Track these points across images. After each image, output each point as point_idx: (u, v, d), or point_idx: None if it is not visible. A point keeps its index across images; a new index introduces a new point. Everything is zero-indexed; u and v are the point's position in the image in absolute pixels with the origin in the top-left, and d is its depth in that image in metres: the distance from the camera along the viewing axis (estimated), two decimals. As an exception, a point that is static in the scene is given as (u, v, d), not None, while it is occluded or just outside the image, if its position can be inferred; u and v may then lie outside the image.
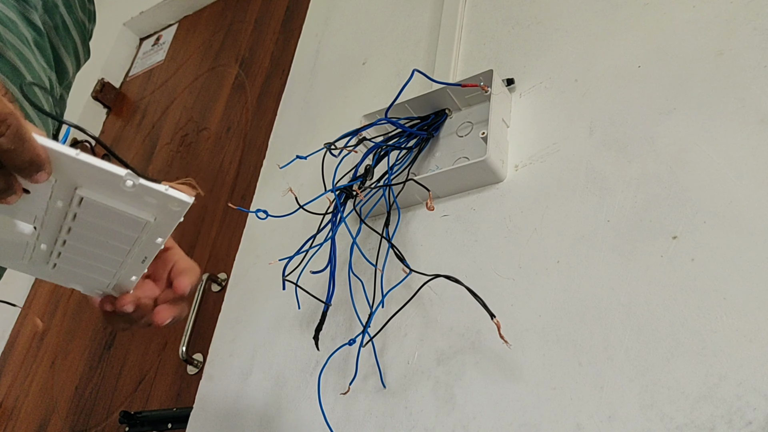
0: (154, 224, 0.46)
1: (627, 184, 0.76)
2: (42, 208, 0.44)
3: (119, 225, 0.46)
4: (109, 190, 0.43)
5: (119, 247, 0.48)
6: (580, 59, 0.91)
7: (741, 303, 0.62)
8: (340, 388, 0.84)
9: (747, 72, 0.75)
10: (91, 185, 0.43)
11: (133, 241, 0.48)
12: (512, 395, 0.70)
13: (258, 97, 1.58)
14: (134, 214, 0.45)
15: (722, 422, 0.58)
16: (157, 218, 0.45)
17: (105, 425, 1.31)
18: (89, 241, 0.47)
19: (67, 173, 0.42)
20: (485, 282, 0.80)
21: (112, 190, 0.43)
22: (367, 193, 0.92)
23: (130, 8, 2.11)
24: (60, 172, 0.41)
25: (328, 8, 1.43)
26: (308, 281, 0.91)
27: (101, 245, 0.48)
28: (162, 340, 1.34)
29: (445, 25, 1.12)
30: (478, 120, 0.93)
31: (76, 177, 0.42)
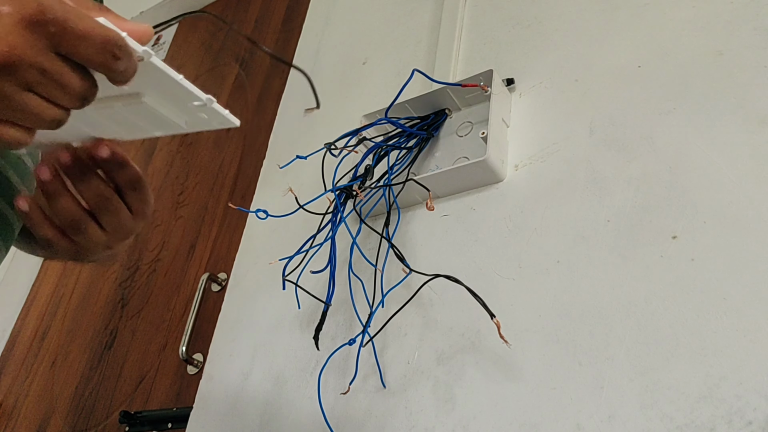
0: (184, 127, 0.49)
1: (627, 184, 0.76)
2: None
3: (152, 121, 0.49)
4: (173, 104, 0.46)
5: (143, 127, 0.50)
6: (580, 59, 0.91)
7: (741, 303, 0.62)
8: (340, 388, 0.84)
9: (747, 72, 0.75)
10: (158, 97, 0.46)
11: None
12: (512, 395, 0.70)
13: (258, 97, 1.58)
14: (174, 120, 0.48)
15: (722, 422, 0.58)
16: (188, 123, 0.49)
17: (105, 425, 1.31)
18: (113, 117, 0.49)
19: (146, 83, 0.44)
20: (485, 282, 0.80)
21: (176, 104, 0.46)
22: (367, 193, 0.92)
23: (130, 8, 2.11)
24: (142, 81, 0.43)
25: (328, 8, 1.43)
26: (308, 281, 0.91)
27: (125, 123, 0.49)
28: (162, 340, 1.34)
29: (445, 25, 1.12)
30: (478, 120, 0.93)
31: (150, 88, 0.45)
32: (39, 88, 0.38)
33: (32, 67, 0.36)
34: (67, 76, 0.38)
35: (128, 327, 1.43)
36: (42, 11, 0.36)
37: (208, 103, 0.46)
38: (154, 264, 1.51)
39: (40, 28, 0.36)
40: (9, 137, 0.38)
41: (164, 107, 0.47)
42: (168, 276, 1.45)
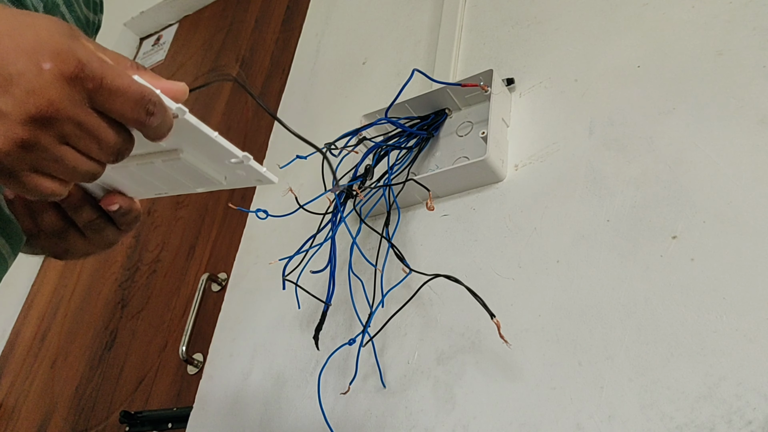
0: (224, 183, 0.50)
1: (627, 184, 0.76)
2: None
3: (192, 178, 0.49)
4: (211, 160, 0.47)
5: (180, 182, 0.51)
6: (580, 59, 0.91)
7: (741, 303, 0.62)
8: (340, 388, 0.84)
9: (746, 72, 0.75)
10: (195, 153, 0.47)
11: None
12: (512, 395, 0.70)
13: (258, 96, 1.58)
14: (214, 176, 0.49)
15: (722, 422, 0.58)
16: (228, 179, 0.50)
17: (105, 425, 1.31)
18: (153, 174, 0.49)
19: (183, 140, 0.45)
20: (485, 282, 0.80)
21: (214, 160, 0.47)
22: (367, 192, 0.92)
23: (130, 8, 2.11)
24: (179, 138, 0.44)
25: (328, 8, 1.43)
26: (308, 281, 0.91)
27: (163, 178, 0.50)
28: (162, 340, 1.34)
29: (445, 25, 1.12)
30: (478, 120, 0.93)
31: (187, 144, 0.46)
32: (75, 141, 0.39)
33: (70, 120, 0.38)
34: (103, 130, 0.39)
35: (128, 327, 1.44)
36: (81, 68, 0.37)
37: (244, 161, 0.46)
38: (154, 264, 1.51)
39: (79, 83, 0.37)
40: (45, 189, 0.39)
41: (203, 163, 0.48)
42: (168, 276, 1.45)
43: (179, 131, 0.44)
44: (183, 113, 0.42)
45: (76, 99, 0.38)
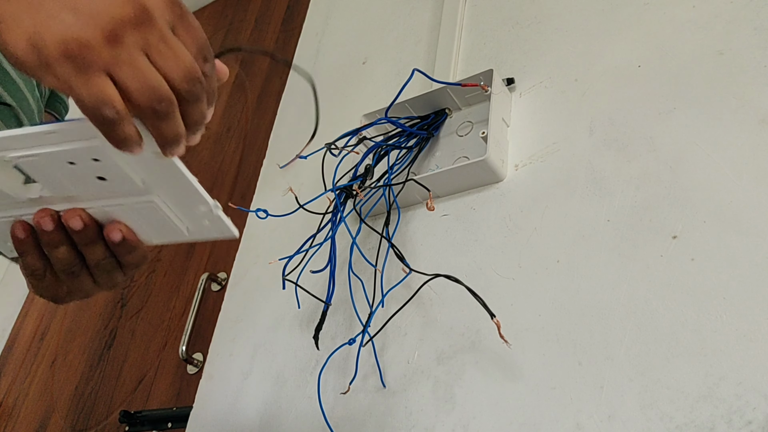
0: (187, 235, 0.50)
1: (627, 184, 0.76)
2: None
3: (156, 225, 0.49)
4: (180, 206, 0.48)
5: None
6: (580, 59, 0.91)
7: (741, 303, 0.62)
8: (340, 388, 0.84)
9: (747, 72, 0.75)
10: (167, 198, 0.47)
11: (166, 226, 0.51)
12: (512, 395, 0.70)
13: (258, 96, 1.58)
14: (177, 224, 0.49)
15: (722, 422, 0.58)
16: (189, 230, 0.50)
17: (105, 424, 1.31)
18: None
19: (158, 182, 0.46)
20: (485, 281, 0.80)
21: (183, 207, 0.48)
22: (367, 192, 0.92)
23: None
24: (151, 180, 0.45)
25: (328, 8, 1.43)
26: (308, 281, 0.91)
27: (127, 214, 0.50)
28: (162, 339, 1.34)
29: (445, 25, 1.12)
30: (478, 119, 0.93)
31: (162, 187, 0.46)
32: (155, 53, 0.39)
33: (157, 30, 0.38)
34: (181, 49, 0.40)
35: (128, 327, 1.44)
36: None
37: (213, 209, 0.47)
38: (154, 264, 1.51)
39: (171, 5, 0.39)
40: (106, 95, 0.38)
41: (170, 210, 0.48)
42: (168, 276, 1.45)
43: (158, 172, 0.44)
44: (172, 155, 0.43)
45: (166, 16, 0.39)
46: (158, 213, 0.48)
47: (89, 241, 0.49)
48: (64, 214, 0.48)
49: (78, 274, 0.51)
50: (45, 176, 0.46)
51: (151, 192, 0.47)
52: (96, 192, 0.47)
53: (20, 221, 0.49)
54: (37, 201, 0.48)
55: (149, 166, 0.44)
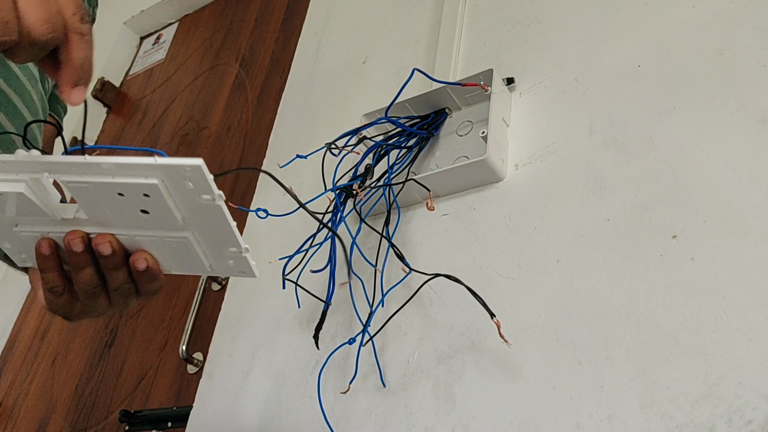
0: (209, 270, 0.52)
1: (627, 184, 0.76)
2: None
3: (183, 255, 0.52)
4: (210, 245, 0.50)
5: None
6: (580, 58, 0.91)
7: (741, 302, 0.62)
8: (340, 387, 0.84)
9: (747, 71, 0.75)
10: (200, 236, 0.50)
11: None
12: (512, 394, 0.70)
13: (258, 96, 1.58)
14: (203, 260, 0.51)
15: (722, 421, 0.58)
16: (212, 267, 0.52)
17: (105, 424, 1.31)
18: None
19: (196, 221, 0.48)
20: (485, 281, 0.80)
21: (213, 246, 0.50)
22: (367, 192, 0.92)
23: (130, 7, 2.11)
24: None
25: (328, 7, 1.43)
26: (308, 280, 0.91)
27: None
28: (162, 339, 1.34)
29: (445, 25, 1.12)
30: (478, 119, 0.93)
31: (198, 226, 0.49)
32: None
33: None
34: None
35: (128, 326, 1.44)
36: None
37: (244, 252, 0.50)
38: (154, 263, 1.51)
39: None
40: None
41: (199, 247, 0.50)
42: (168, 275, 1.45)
43: (201, 212, 0.47)
44: (221, 199, 0.45)
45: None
46: (187, 248, 0.50)
47: (114, 267, 0.50)
48: (95, 238, 0.49)
49: (97, 295, 0.52)
50: (87, 201, 0.48)
51: (187, 229, 0.49)
52: (132, 222, 0.49)
53: (46, 238, 0.50)
54: (69, 221, 0.49)
55: (196, 207, 0.47)
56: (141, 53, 2.11)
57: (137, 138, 1.85)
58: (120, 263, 0.51)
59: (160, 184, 0.45)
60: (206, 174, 0.44)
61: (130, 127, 1.91)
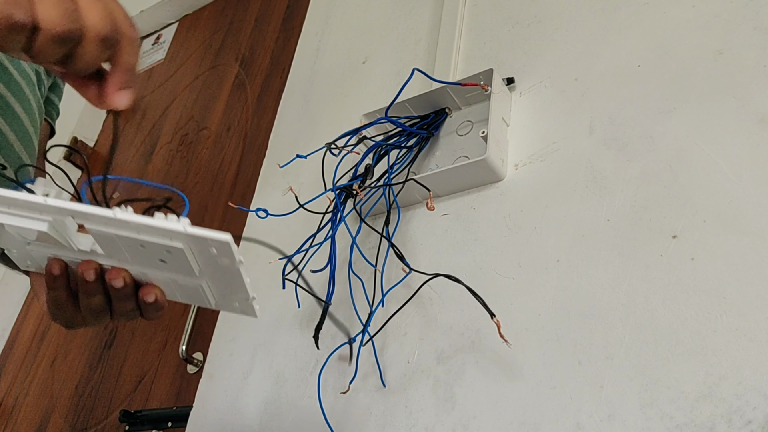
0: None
1: (627, 183, 0.76)
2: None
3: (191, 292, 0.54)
4: (220, 290, 0.53)
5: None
6: (580, 58, 0.91)
7: (741, 302, 0.62)
8: (340, 387, 0.84)
9: (747, 71, 0.75)
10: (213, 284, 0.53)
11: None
12: (512, 394, 0.70)
13: (258, 96, 1.58)
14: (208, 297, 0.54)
15: (722, 421, 0.58)
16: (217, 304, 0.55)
17: (105, 424, 1.31)
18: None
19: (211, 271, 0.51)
20: (485, 281, 0.80)
21: (223, 292, 0.53)
22: (367, 192, 0.92)
23: (130, 7, 2.10)
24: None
25: (328, 7, 1.43)
26: (308, 280, 0.91)
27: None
28: (162, 339, 1.34)
29: (445, 25, 1.12)
30: (478, 119, 0.93)
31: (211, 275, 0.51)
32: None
33: None
34: None
35: (128, 326, 1.44)
36: None
37: (251, 300, 0.53)
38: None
39: None
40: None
41: (209, 288, 0.53)
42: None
43: (217, 269, 0.49)
44: (242, 264, 0.49)
45: None
46: (197, 290, 0.53)
47: (124, 297, 0.53)
48: (110, 272, 0.51)
49: (102, 316, 0.55)
50: (108, 245, 0.49)
51: (202, 279, 0.51)
52: (148, 264, 0.51)
53: (57, 260, 0.52)
54: (85, 252, 0.51)
55: (215, 265, 0.49)
56: (141, 53, 2.11)
57: (137, 138, 1.85)
58: (130, 294, 0.52)
59: (185, 248, 0.47)
60: (233, 248, 0.47)
61: (129, 127, 1.91)
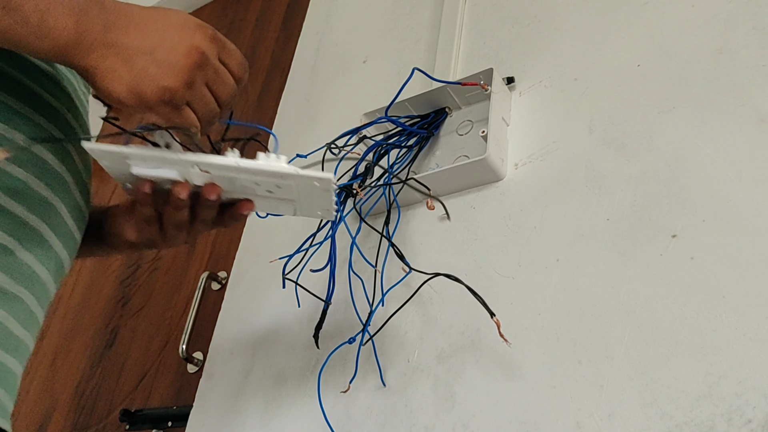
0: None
1: (626, 183, 0.76)
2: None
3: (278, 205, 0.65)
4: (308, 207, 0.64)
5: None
6: (580, 58, 0.91)
7: (740, 302, 0.62)
8: (340, 387, 0.84)
9: (746, 71, 0.75)
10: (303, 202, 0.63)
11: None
12: (512, 393, 0.70)
13: (259, 95, 1.58)
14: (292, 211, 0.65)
15: (722, 420, 0.58)
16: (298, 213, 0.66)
17: (105, 423, 1.31)
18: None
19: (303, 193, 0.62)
20: (485, 280, 0.80)
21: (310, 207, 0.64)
22: (367, 191, 0.92)
23: (130, 7, 2.11)
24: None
25: (328, 7, 1.43)
26: (308, 280, 0.91)
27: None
28: (163, 338, 1.34)
29: (445, 24, 1.12)
30: (478, 118, 0.93)
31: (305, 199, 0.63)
32: (212, 83, 0.55)
33: (212, 66, 0.54)
34: (227, 76, 0.56)
35: (129, 325, 1.44)
36: (214, 32, 0.56)
37: (332, 209, 0.64)
38: (155, 262, 1.51)
39: (215, 41, 0.55)
40: (191, 119, 0.55)
41: (300, 204, 0.63)
42: (169, 274, 1.46)
43: (312, 190, 0.60)
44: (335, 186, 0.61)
45: (214, 51, 0.55)
46: (286, 204, 0.63)
47: (210, 206, 0.62)
48: (206, 189, 0.60)
49: (182, 229, 0.64)
50: (221, 177, 0.59)
51: (295, 199, 0.62)
52: (250, 192, 0.61)
53: (148, 181, 0.60)
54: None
55: (311, 188, 0.60)
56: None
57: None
58: (216, 205, 0.62)
59: (293, 183, 0.59)
60: (333, 183, 0.60)
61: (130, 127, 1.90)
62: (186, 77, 0.52)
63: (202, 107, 0.55)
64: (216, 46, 0.54)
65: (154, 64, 0.51)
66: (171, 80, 0.52)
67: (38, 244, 0.58)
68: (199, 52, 0.53)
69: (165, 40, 0.52)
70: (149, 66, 0.51)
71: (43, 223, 0.59)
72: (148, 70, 0.51)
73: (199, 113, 0.55)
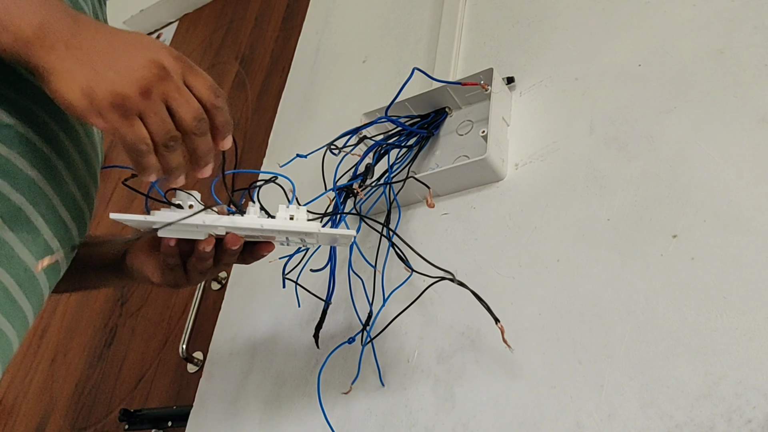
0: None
1: (627, 183, 0.76)
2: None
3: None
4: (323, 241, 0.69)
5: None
6: (581, 58, 0.91)
7: (741, 302, 0.62)
8: (340, 387, 0.84)
9: (747, 70, 0.75)
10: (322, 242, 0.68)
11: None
12: (512, 393, 0.70)
13: (258, 94, 1.58)
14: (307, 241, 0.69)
15: (722, 420, 0.58)
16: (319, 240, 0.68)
17: (105, 423, 1.31)
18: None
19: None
20: (485, 280, 0.80)
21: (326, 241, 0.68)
22: (368, 191, 0.92)
23: (130, 6, 2.11)
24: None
25: (328, 6, 1.43)
26: (308, 279, 0.91)
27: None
28: (162, 338, 1.34)
29: (445, 24, 1.12)
30: (478, 118, 0.93)
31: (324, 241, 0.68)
32: (171, 100, 0.52)
33: (173, 83, 0.52)
34: (190, 98, 0.53)
35: (128, 325, 1.44)
36: (180, 55, 0.54)
37: (353, 239, 0.67)
38: (154, 262, 1.50)
39: (181, 61, 0.53)
40: (139, 134, 0.52)
41: (320, 242, 0.67)
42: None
43: (332, 239, 0.65)
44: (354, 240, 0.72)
45: (178, 70, 0.53)
46: (307, 243, 0.68)
47: (233, 254, 0.65)
48: (229, 240, 0.63)
49: (206, 275, 0.67)
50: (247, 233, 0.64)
51: (314, 243, 0.67)
52: (271, 237, 0.66)
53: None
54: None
55: (334, 241, 0.67)
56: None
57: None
58: (238, 252, 0.65)
59: (317, 238, 0.65)
60: (354, 239, 0.66)
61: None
62: (142, 85, 0.51)
63: (156, 123, 0.52)
64: (181, 66, 0.53)
65: (112, 70, 0.50)
66: (126, 86, 0.50)
67: (23, 223, 0.57)
68: (160, 66, 0.51)
69: (128, 52, 0.51)
70: (107, 71, 0.50)
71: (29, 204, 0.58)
72: (106, 74, 0.50)
73: (152, 129, 0.52)
